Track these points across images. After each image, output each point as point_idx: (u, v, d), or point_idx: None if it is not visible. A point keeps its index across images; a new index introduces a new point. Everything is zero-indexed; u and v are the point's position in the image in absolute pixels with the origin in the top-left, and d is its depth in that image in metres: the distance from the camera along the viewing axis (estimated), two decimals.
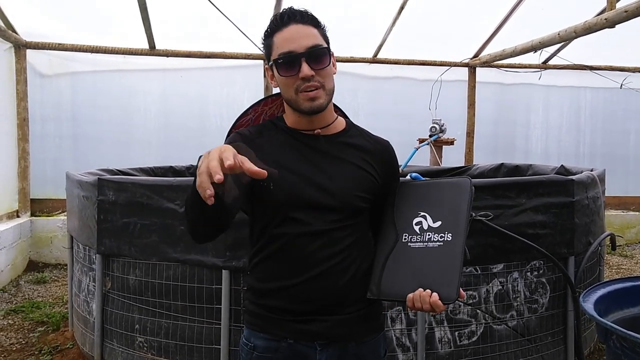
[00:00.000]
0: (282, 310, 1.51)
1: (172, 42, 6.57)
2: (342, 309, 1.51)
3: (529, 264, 3.07)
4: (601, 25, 4.62)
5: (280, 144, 1.55)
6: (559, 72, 7.66)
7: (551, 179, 3.19)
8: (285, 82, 1.48)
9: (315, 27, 1.50)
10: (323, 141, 1.55)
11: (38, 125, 6.55)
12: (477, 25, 6.80)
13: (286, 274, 1.50)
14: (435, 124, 5.91)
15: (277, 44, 1.48)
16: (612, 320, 2.31)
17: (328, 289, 1.49)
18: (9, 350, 3.78)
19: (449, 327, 2.94)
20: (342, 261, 1.49)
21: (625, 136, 8.33)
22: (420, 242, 1.50)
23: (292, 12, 1.48)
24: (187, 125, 7.06)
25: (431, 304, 1.37)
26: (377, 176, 1.57)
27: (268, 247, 1.53)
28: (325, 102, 1.49)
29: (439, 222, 1.50)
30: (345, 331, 1.52)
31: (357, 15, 6.40)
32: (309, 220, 1.48)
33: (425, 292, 1.39)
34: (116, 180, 3.27)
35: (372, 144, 1.62)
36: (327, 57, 1.49)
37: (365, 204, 1.54)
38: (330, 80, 1.51)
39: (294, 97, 1.48)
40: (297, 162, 1.51)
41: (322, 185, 1.49)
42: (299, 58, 1.44)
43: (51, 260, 6.13)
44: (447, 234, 1.47)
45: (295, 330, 1.50)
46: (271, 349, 1.52)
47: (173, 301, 3.01)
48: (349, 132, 1.61)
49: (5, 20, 5.82)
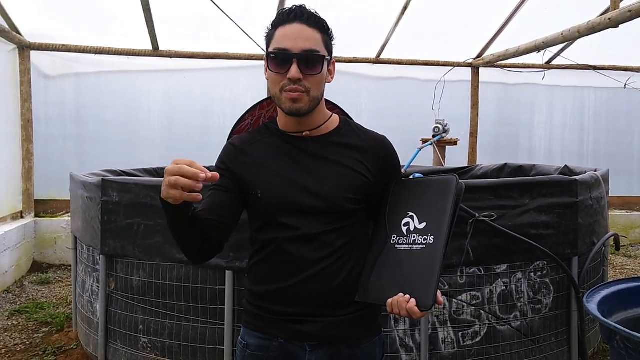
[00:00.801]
0: (275, 311, 1.52)
1: (175, 43, 6.58)
2: (335, 311, 1.50)
3: (532, 264, 3.07)
4: (605, 25, 4.61)
5: (270, 149, 1.55)
6: (563, 72, 7.65)
7: (555, 180, 3.18)
8: (273, 78, 1.47)
9: (320, 31, 1.48)
10: (311, 143, 1.54)
11: (42, 126, 6.56)
12: (480, 25, 6.79)
13: (278, 277, 1.51)
14: (438, 124, 5.90)
15: (276, 38, 1.46)
16: (616, 321, 2.30)
17: (320, 292, 1.48)
18: (14, 351, 3.79)
19: (452, 327, 2.94)
20: (333, 263, 1.48)
21: (629, 136, 8.31)
22: (405, 245, 1.45)
23: (301, 11, 1.46)
24: (190, 125, 7.08)
25: (407, 310, 1.34)
26: (370, 175, 1.54)
27: (261, 251, 1.54)
28: (306, 107, 1.46)
29: (424, 223, 1.44)
30: (337, 333, 1.51)
31: (361, 15, 6.40)
32: (299, 225, 1.48)
33: (404, 297, 1.35)
34: (120, 181, 3.28)
35: (366, 141, 1.58)
36: (320, 65, 1.46)
37: (356, 205, 1.52)
38: (318, 89, 1.48)
39: (278, 95, 1.47)
40: (286, 167, 1.51)
41: (310, 188, 1.49)
42: (291, 58, 1.43)
43: (55, 261, 6.14)
44: (430, 236, 1.40)
45: (287, 329, 1.51)
46: (263, 348, 1.54)
47: (177, 302, 3.02)
48: (342, 131, 1.58)
49: (9, 22, 5.83)
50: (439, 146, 5.96)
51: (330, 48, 1.52)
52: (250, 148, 1.57)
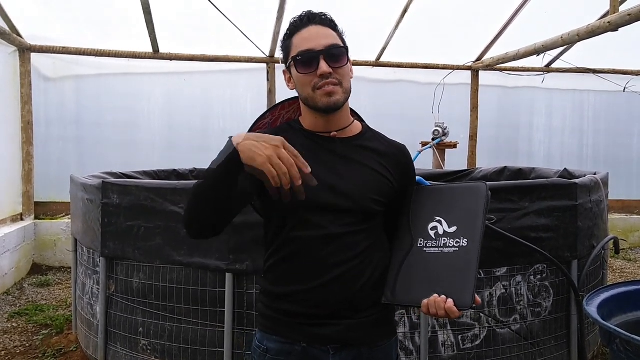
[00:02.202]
0: (295, 314, 1.50)
1: (175, 45, 6.59)
2: (356, 314, 1.50)
3: (532, 267, 3.07)
4: (604, 28, 4.62)
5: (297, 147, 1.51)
6: (562, 75, 7.65)
7: (554, 183, 3.18)
8: (303, 80, 1.49)
9: (334, 29, 1.53)
10: (339, 143, 1.55)
11: (42, 129, 6.57)
12: (480, 28, 6.80)
13: (300, 278, 1.50)
14: (438, 127, 5.91)
15: (296, 44, 1.49)
16: (616, 324, 2.30)
17: (342, 294, 1.48)
18: (13, 353, 3.79)
19: (452, 330, 2.94)
20: (357, 266, 1.49)
21: (628, 139, 8.32)
22: (435, 248, 1.49)
23: (312, 15, 1.50)
24: (190, 127, 7.09)
25: (446, 310, 1.37)
26: (393, 180, 1.57)
27: (282, 250, 1.52)
28: (342, 99, 1.50)
29: (455, 227, 1.49)
30: (358, 335, 1.51)
31: (360, 18, 6.40)
32: (324, 224, 1.48)
33: (441, 298, 1.38)
34: (120, 183, 3.28)
35: (388, 148, 1.62)
36: (345, 57, 1.51)
37: (380, 207, 1.54)
38: (347, 80, 1.53)
39: (311, 95, 1.49)
40: (313, 165, 1.48)
41: (337, 187, 1.49)
42: (318, 56, 1.46)
43: (55, 263, 6.14)
44: (463, 240, 1.46)
45: (309, 334, 1.50)
46: (284, 352, 1.52)
47: (177, 304, 3.02)
48: (366, 135, 1.61)
49: (10, 24, 5.84)
50: (438, 149, 5.97)
51: (345, 43, 1.56)
52: None
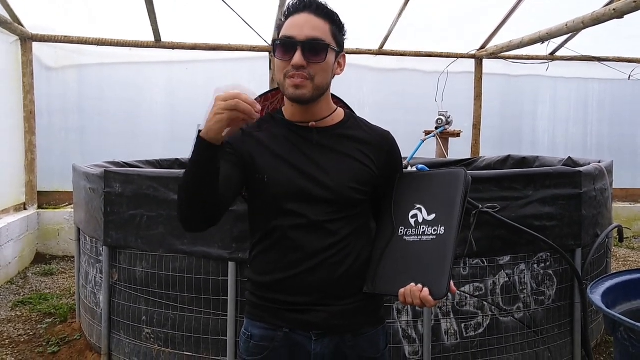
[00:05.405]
0: (279, 301, 1.52)
1: (177, 34, 6.56)
2: (339, 300, 1.51)
3: (535, 256, 3.06)
4: (609, 15, 4.58)
5: (277, 137, 1.55)
6: (567, 63, 7.61)
7: (558, 171, 3.17)
8: (278, 65, 1.49)
9: (329, 22, 1.49)
10: (318, 133, 1.54)
11: (45, 118, 6.57)
12: (484, 16, 6.75)
13: (282, 267, 1.51)
14: (441, 116, 5.87)
15: (285, 27, 1.49)
16: (620, 312, 2.30)
17: (325, 281, 1.49)
18: (17, 342, 3.81)
19: (455, 318, 2.94)
20: (338, 253, 1.49)
21: (633, 128, 8.27)
22: (415, 236, 1.47)
23: (310, 1, 1.48)
24: (193, 116, 7.04)
25: (421, 299, 1.36)
26: (375, 168, 1.56)
27: (265, 241, 1.54)
28: (308, 94, 1.47)
29: (434, 214, 1.46)
30: (341, 322, 1.52)
31: (363, 6, 6.36)
32: (303, 212, 1.48)
33: (417, 287, 1.38)
34: (123, 172, 3.27)
35: (371, 135, 1.60)
36: (324, 53, 1.47)
37: (361, 195, 1.53)
38: (322, 77, 1.48)
39: (282, 82, 1.49)
40: (292, 154, 1.52)
41: (316, 177, 1.49)
42: (296, 45, 1.44)
43: (58, 252, 6.16)
44: (440, 227, 1.43)
45: (292, 319, 1.52)
46: (267, 338, 1.54)
47: (180, 293, 3.02)
48: (347, 124, 1.60)
49: (12, 13, 5.82)
50: (441, 138, 5.94)
51: (339, 40, 1.53)
52: (258, 133, 1.57)
